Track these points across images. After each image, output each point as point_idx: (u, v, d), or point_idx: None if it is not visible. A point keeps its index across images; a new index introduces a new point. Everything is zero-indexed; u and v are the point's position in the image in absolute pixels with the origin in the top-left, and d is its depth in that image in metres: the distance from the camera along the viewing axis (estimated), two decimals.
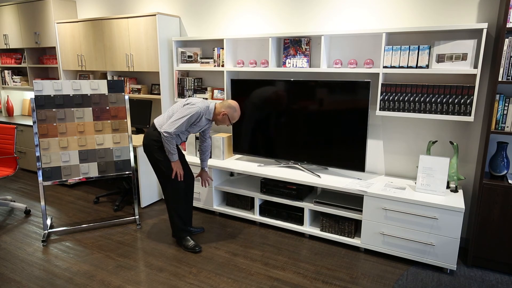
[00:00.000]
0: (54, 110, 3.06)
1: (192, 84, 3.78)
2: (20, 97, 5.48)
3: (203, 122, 2.80)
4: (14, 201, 3.91)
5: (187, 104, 2.75)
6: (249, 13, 3.55)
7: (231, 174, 3.77)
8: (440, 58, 2.64)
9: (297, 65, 3.22)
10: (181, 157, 2.97)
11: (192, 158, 3.65)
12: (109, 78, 4.44)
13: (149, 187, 3.79)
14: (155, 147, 2.79)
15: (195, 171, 3.53)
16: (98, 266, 2.69)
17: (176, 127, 2.65)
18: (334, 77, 3.23)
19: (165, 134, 2.66)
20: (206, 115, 2.78)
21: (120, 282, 2.48)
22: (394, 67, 2.77)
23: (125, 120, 3.28)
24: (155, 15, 3.64)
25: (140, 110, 4.13)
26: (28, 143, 4.77)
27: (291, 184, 3.13)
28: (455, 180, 2.74)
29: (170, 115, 2.78)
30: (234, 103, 2.81)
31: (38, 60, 5.03)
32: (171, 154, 2.73)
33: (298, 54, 3.22)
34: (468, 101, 2.57)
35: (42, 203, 3.06)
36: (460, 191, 2.76)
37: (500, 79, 2.38)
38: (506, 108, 2.42)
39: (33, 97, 3.00)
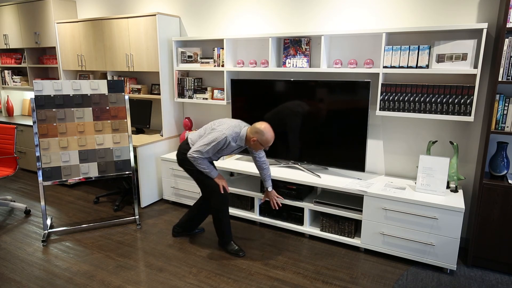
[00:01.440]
0: (54, 110, 3.06)
1: (192, 84, 3.78)
2: (20, 97, 5.48)
3: (233, 147, 2.71)
4: (14, 201, 3.91)
5: (217, 127, 2.67)
6: (249, 13, 3.55)
7: (231, 174, 3.77)
8: (440, 58, 2.64)
9: (297, 65, 3.22)
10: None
11: None
12: (109, 78, 4.44)
13: (149, 187, 3.79)
14: (187, 161, 2.78)
15: None
16: (98, 266, 2.69)
17: (203, 152, 2.61)
18: (334, 77, 3.23)
19: (190, 158, 2.64)
20: (236, 142, 2.68)
21: (120, 282, 2.48)
22: (394, 67, 2.77)
23: (125, 120, 3.28)
24: (155, 15, 3.64)
25: (140, 110, 4.13)
26: (28, 143, 4.77)
27: (291, 184, 3.13)
28: (455, 180, 2.74)
29: (201, 134, 2.74)
30: (262, 126, 2.63)
31: (38, 60, 5.03)
32: (209, 173, 2.70)
33: (298, 54, 3.22)
34: (468, 101, 2.57)
35: (42, 203, 3.06)
36: (460, 191, 2.76)
37: (500, 79, 2.38)
38: (506, 108, 2.42)
39: (33, 97, 3.00)
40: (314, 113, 3.11)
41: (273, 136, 2.66)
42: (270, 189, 2.99)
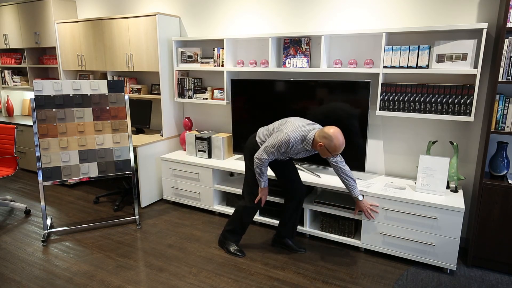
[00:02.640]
0: (54, 110, 3.06)
1: (192, 84, 3.78)
2: (20, 97, 5.48)
3: (299, 150, 2.54)
4: (14, 201, 3.91)
5: (283, 126, 2.52)
6: (249, 13, 3.55)
7: (231, 174, 3.77)
8: (440, 58, 2.64)
9: (297, 65, 3.22)
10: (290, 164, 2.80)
11: (193, 158, 3.65)
12: (109, 78, 4.44)
13: (149, 187, 3.79)
14: (248, 154, 2.73)
15: (197, 170, 3.53)
16: (98, 266, 2.69)
17: (268, 154, 2.50)
18: (334, 77, 3.23)
19: (256, 160, 2.54)
20: (302, 144, 2.49)
21: (120, 282, 2.48)
22: (394, 67, 2.77)
23: (125, 120, 3.28)
24: (155, 15, 3.64)
25: (140, 110, 4.13)
26: (28, 143, 4.77)
27: None
28: (455, 180, 2.74)
29: (270, 131, 2.63)
30: (330, 130, 2.38)
31: (38, 60, 5.03)
32: (260, 181, 2.62)
33: (298, 54, 3.22)
34: (468, 101, 2.57)
35: (42, 203, 3.06)
36: (460, 191, 2.76)
37: (500, 79, 2.38)
38: (506, 108, 2.42)
39: (33, 97, 3.00)
40: (314, 113, 3.11)
41: (343, 142, 2.39)
42: (360, 198, 2.66)
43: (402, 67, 2.75)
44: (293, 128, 2.46)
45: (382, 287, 2.44)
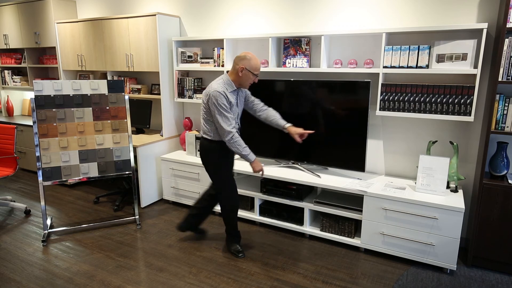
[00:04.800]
0: (54, 110, 3.06)
1: (192, 84, 3.78)
2: (20, 97, 5.48)
3: (233, 97, 2.57)
4: (14, 201, 3.91)
5: (208, 97, 2.52)
6: (249, 13, 3.55)
7: None
8: (440, 58, 2.64)
9: (297, 65, 3.22)
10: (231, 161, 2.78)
11: (193, 158, 3.65)
12: (109, 78, 4.44)
13: (149, 187, 3.79)
14: (204, 152, 2.71)
15: (197, 170, 3.53)
16: (98, 266, 2.69)
17: (228, 126, 2.49)
18: (334, 77, 3.23)
19: (228, 138, 2.50)
20: (229, 89, 2.53)
21: (120, 282, 2.48)
22: (394, 67, 2.77)
23: (125, 120, 3.28)
24: (155, 15, 3.64)
25: (140, 110, 4.13)
26: (28, 143, 4.77)
27: (291, 184, 3.13)
28: (455, 180, 2.74)
29: (205, 117, 2.61)
30: (243, 53, 2.52)
31: (38, 60, 5.03)
32: (246, 155, 2.56)
33: (298, 54, 3.22)
34: (468, 101, 2.57)
35: (42, 203, 3.06)
36: (460, 191, 2.76)
37: (500, 79, 2.38)
38: (506, 108, 2.42)
39: (33, 97, 3.00)
40: (314, 113, 3.11)
41: (257, 60, 2.53)
42: (288, 124, 2.72)
43: (402, 67, 2.75)
44: (213, 86, 2.51)
45: (382, 287, 2.44)
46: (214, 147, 2.65)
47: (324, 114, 3.07)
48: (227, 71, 2.64)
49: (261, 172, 2.68)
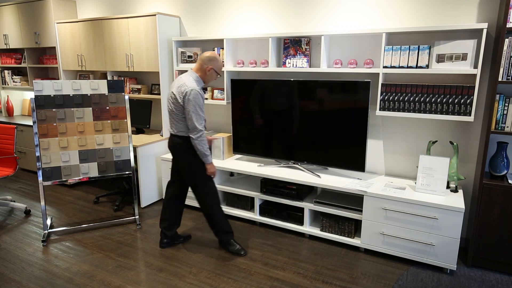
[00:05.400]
0: (54, 110, 3.06)
1: None
2: (20, 97, 5.48)
3: (203, 94, 2.63)
4: (14, 201, 3.91)
5: (184, 94, 2.51)
6: (249, 13, 3.55)
7: (231, 174, 3.77)
8: (440, 58, 2.64)
9: (297, 65, 3.22)
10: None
11: None
12: (109, 78, 4.44)
13: (149, 187, 3.79)
14: (178, 152, 2.70)
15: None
16: (98, 266, 2.69)
17: (199, 125, 2.53)
18: (334, 77, 3.23)
19: (197, 135, 2.53)
20: (199, 86, 2.59)
21: (120, 282, 2.48)
22: (394, 67, 2.77)
23: (125, 120, 3.28)
24: (155, 15, 3.64)
25: (140, 110, 4.13)
26: (28, 143, 4.77)
27: (291, 184, 3.13)
28: (455, 180, 2.74)
29: (178, 116, 2.59)
30: (208, 54, 2.63)
31: (38, 60, 5.03)
32: (205, 156, 2.61)
33: (298, 54, 3.22)
34: (468, 101, 2.57)
35: (42, 203, 3.06)
36: (460, 191, 2.76)
37: (500, 79, 2.38)
38: (506, 108, 2.42)
39: (33, 97, 3.00)
40: (314, 113, 3.11)
41: (220, 60, 2.68)
42: None
43: (402, 67, 2.75)
44: (187, 84, 2.53)
45: (382, 287, 2.44)
46: (191, 146, 2.65)
47: (324, 114, 3.07)
48: (192, 68, 2.71)
49: (212, 176, 2.72)
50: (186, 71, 3.96)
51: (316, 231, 3.07)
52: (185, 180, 2.84)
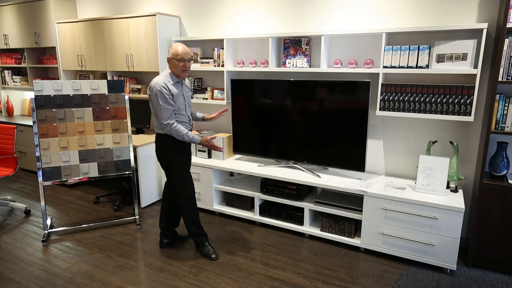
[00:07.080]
0: (54, 110, 3.06)
1: (192, 84, 3.77)
2: (20, 97, 5.48)
3: (175, 90, 2.60)
4: (14, 201, 3.91)
5: (150, 91, 2.58)
6: (249, 13, 3.55)
7: (231, 174, 3.77)
8: (440, 58, 2.64)
9: (297, 65, 3.22)
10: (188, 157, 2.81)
11: (193, 158, 3.65)
12: (109, 78, 4.44)
13: (149, 187, 3.79)
14: (159, 148, 2.71)
15: (198, 170, 3.53)
16: (98, 266, 2.69)
17: (168, 117, 2.55)
18: (334, 77, 3.23)
19: (167, 129, 2.56)
20: (170, 82, 2.59)
21: (120, 282, 2.48)
22: (394, 67, 2.77)
23: (125, 120, 3.28)
24: (155, 15, 3.64)
25: (140, 110, 4.13)
26: (28, 143, 4.77)
27: (291, 184, 3.13)
28: (455, 180, 2.74)
29: (154, 113, 2.64)
30: (172, 46, 2.65)
31: (38, 60, 5.03)
32: (191, 139, 2.60)
33: (298, 54, 3.22)
34: (468, 101, 2.57)
35: (42, 203, 3.06)
36: (460, 191, 2.76)
37: (500, 79, 2.38)
38: (506, 108, 2.42)
39: (33, 97, 3.00)
40: (314, 113, 3.11)
41: (183, 47, 2.57)
42: (204, 115, 2.95)
43: (402, 67, 2.75)
44: (155, 79, 2.58)
45: (382, 287, 2.44)
46: (168, 143, 2.66)
47: (324, 114, 3.07)
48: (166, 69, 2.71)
49: (218, 149, 2.68)
50: None
51: (316, 231, 3.07)
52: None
